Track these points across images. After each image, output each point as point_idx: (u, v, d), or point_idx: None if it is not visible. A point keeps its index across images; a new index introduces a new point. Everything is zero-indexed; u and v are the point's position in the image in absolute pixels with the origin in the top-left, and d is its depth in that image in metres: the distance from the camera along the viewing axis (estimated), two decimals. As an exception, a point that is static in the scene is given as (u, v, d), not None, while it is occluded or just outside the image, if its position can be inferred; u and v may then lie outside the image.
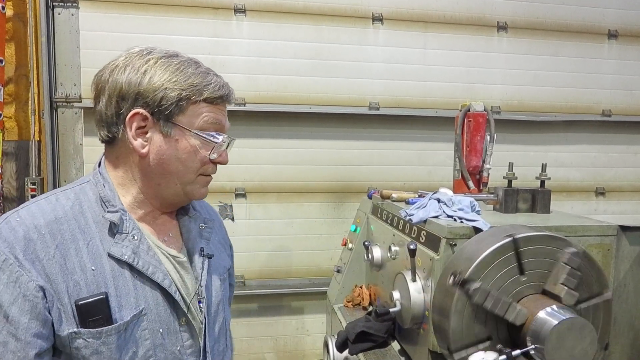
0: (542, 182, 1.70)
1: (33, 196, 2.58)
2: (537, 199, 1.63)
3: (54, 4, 2.62)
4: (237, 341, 2.85)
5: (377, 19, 2.94)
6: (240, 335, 2.94)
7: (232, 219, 2.91)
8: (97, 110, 0.99)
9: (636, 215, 3.32)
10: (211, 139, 1.00)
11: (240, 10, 2.80)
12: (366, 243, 1.84)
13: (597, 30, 3.17)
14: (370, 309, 1.90)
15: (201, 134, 0.99)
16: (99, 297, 0.90)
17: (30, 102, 2.74)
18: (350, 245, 2.13)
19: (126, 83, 0.95)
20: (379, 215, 1.92)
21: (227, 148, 1.06)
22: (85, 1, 2.64)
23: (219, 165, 1.06)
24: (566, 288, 1.07)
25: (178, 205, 1.09)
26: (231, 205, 2.89)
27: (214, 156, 1.03)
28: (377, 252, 1.80)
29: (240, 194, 2.90)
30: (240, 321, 2.93)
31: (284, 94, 2.88)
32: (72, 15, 2.64)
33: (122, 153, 1.00)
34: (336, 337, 1.64)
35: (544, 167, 1.71)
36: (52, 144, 2.66)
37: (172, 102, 0.96)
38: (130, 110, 0.95)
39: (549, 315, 1.05)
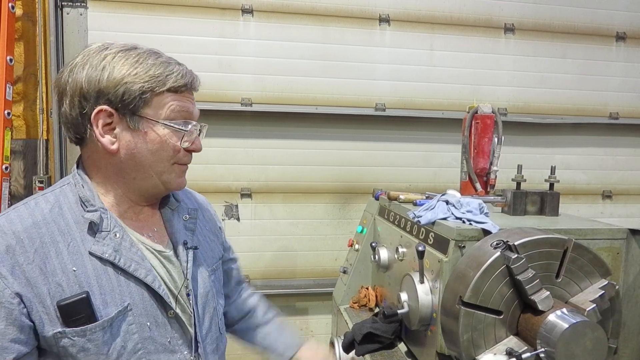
0: (551, 185, 1.68)
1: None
2: (546, 201, 1.62)
3: (62, 3, 2.63)
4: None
5: (384, 20, 2.93)
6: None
7: (238, 219, 2.91)
8: (62, 112, 0.99)
9: (643, 218, 3.31)
10: (180, 127, 1.00)
11: (247, 11, 2.80)
12: (373, 244, 1.84)
13: (605, 33, 3.15)
14: (376, 310, 1.90)
15: (169, 124, 0.99)
16: (79, 297, 0.92)
17: (38, 100, 2.75)
18: (356, 246, 2.12)
19: (86, 82, 0.94)
20: (386, 217, 1.92)
21: (199, 135, 1.06)
22: (94, 1, 2.65)
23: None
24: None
25: (158, 196, 1.09)
26: (237, 205, 2.89)
27: (185, 144, 1.03)
28: (384, 254, 1.80)
29: (246, 194, 2.90)
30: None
31: (290, 95, 2.89)
32: (81, 15, 2.65)
33: (93, 152, 1.00)
34: (342, 337, 1.64)
35: (553, 170, 1.70)
36: (60, 143, 2.67)
37: (135, 96, 0.95)
38: (94, 109, 0.94)
39: (559, 318, 1.05)
